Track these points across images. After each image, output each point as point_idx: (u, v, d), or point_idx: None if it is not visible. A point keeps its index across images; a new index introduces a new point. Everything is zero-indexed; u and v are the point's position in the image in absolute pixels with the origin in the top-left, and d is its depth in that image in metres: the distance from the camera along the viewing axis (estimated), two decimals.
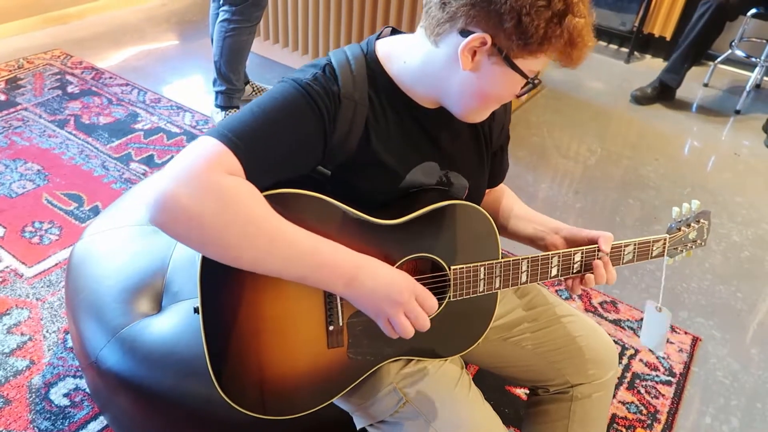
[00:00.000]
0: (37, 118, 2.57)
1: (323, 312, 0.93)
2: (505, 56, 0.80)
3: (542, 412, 1.16)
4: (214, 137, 0.78)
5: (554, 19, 0.77)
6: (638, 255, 1.07)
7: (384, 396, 1.00)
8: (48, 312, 1.70)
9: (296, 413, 0.96)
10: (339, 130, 0.87)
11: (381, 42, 0.93)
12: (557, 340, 1.13)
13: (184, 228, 0.75)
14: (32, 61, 3.02)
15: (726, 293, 2.05)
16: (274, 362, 0.93)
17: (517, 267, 0.99)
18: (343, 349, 0.95)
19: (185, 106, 2.77)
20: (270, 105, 0.83)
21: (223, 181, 0.75)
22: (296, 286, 0.85)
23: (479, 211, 0.98)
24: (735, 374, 1.75)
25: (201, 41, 3.40)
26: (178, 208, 0.73)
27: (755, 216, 2.45)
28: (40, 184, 2.19)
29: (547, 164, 2.66)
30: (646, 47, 3.81)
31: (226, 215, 0.75)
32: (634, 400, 1.64)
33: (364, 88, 0.89)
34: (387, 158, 0.92)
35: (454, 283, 0.97)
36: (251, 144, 0.79)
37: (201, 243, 0.77)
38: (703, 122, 3.14)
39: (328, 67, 0.88)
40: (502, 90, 0.86)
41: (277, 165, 0.83)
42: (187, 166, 0.75)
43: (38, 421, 1.43)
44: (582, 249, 1.02)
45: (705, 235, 1.14)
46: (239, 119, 0.81)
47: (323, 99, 0.85)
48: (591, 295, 1.96)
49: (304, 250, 0.80)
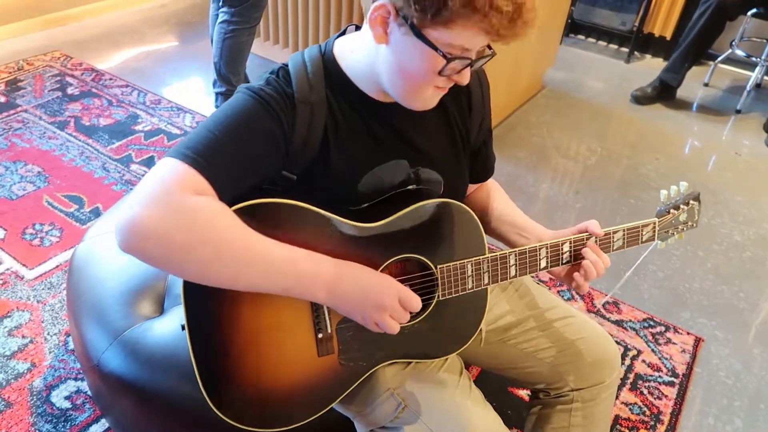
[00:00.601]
0: (38, 120, 2.57)
1: (311, 320, 0.92)
2: (410, 25, 0.77)
3: (544, 416, 1.16)
4: (174, 158, 0.77)
5: None
6: (628, 241, 1.06)
7: (383, 402, 0.99)
8: (49, 314, 1.70)
9: (294, 423, 0.96)
10: (297, 134, 0.86)
11: (340, 40, 0.92)
12: (558, 343, 1.12)
13: (156, 251, 0.74)
14: (32, 62, 3.02)
15: (728, 293, 2.04)
16: (267, 375, 0.92)
17: (505, 261, 0.98)
18: (334, 356, 0.95)
19: (185, 108, 2.77)
20: (225, 116, 0.82)
21: (190, 201, 0.74)
22: (281, 297, 0.85)
23: (462, 208, 0.97)
24: (738, 375, 1.75)
25: (200, 42, 3.40)
26: (147, 231, 0.72)
27: (756, 215, 2.44)
28: (41, 186, 2.19)
29: (548, 164, 2.65)
30: (646, 47, 3.81)
31: (196, 235, 0.74)
32: (636, 401, 1.63)
33: (321, 89, 0.88)
34: (350, 159, 0.91)
35: (441, 282, 0.96)
36: (212, 158, 0.79)
37: (175, 265, 0.76)
38: (703, 122, 3.14)
39: (282, 71, 0.88)
40: (419, 66, 0.81)
41: (243, 174, 0.82)
42: (152, 190, 0.74)
43: (39, 424, 1.42)
44: (570, 239, 1.01)
45: (696, 216, 1.14)
46: (196, 136, 0.80)
47: (277, 102, 0.84)
48: (593, 296, 1.96)
49: (281, 262, 0.80)
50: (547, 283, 1.99)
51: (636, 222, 1.07)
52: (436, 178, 0.99)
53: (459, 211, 0.97)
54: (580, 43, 3.94)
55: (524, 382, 1.22)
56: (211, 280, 0.79)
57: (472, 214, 0.98)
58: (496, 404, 1.56)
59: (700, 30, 3.02)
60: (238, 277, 0.79)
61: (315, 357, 0.94)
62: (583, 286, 1.01)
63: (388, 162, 0.95)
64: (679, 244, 2.23)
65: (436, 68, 0.81)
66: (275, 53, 3.23)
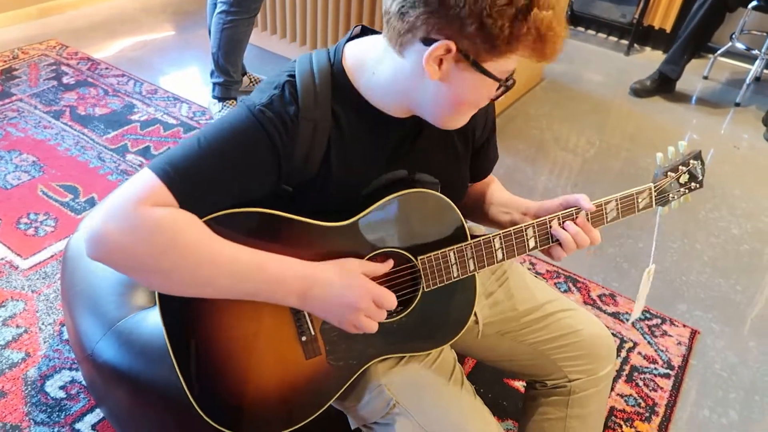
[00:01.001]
0: (33, 109, 2.55)
1: (292, 324, 0.91)
2: (473, 61, 0.76)
3: (540, 406, 1.16)
4: (153, 171, 0.78)
5: (519, 16, 0.72)
6: (623, 210, 1.01)
7: (374, 398, 0.98)
8: (44, 304, 1.69)
9: (292, 426, 0.96)
10: (297, 153, 0.84)
11: (350, 47, 0.88)
12: (555, 335, 1.12)
13: (120, 262, 0.77)
14: (27, 51, 3.00)
15: (725, 286, 2.04)
16: (256, 381, 0.92)
17: (489, 245, 0.96)
18: (322, 357, 0.94)
19: (182, 98, 2.75)
20: (218, 137, 0.81)
21: (152, 213, 0.75)
22: (259, 303, 0.84)
23: (438, 197, 0.94)
24: (733, 367, 1.75)
25: (198, 32, 3.37)
26: (110, 244, 0.75)
27: (754, 209, 2.44)
28: (36, 176, 2.17)
29: (546, 157, 2.64)
30: (646, 39, 3.79)
31: (159, 246, 0.75)
32: (632, 393, 1.63)
33: (327, 104, 0.86)
34: (351, 173, 0.90)
35: (424, 273, 0.94)
36: (191, 179, 0.78)
37: (141, 275, 0.79)
38: (702, 115, 3.13)
39: (288, 85, 0.84)
40: (476, 96, 0.83)
41: (221, 198, 0.82)
42: (118, 201, 0.76)
43: (34, 413, 1.42)
44: (558, 215, 0.97)
45: (700, 176, 1.06)
46: (184, 152, 0.79)
47: (276, 127, 0.82)
48: (590, 288, 1.96)
49: (249, 268, 0.80)
50: (544, 276, 1.99)
51: (630, 189, 1.01)
52: (432, 180, 0.97)
53: (436, 200, 0.94)
54: (580, 35, 3.93)
55: (521, 374, 1.21)
56: (178, 289, 0.80)
57: (450, 202, 0.94)
58: (492, 395, 1.57)
59: (699, 21, 3.00)
60: (204, 284, 0.79)
61: (303, 360, 0.93)
62: (557, 256, 0.98)
63: (389, 173, 0.93)
64: (676, 237, 2.23)
65: (491, 94, 0.83)
66: (274, 44, 3.21)
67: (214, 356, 0.89)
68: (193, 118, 2.62)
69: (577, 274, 2.01)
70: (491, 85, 0.80)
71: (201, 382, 0.90)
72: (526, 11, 0.72)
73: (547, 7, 0.73)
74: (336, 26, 2.88)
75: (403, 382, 0.99)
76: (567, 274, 2.00)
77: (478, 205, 1.14)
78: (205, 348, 0.89)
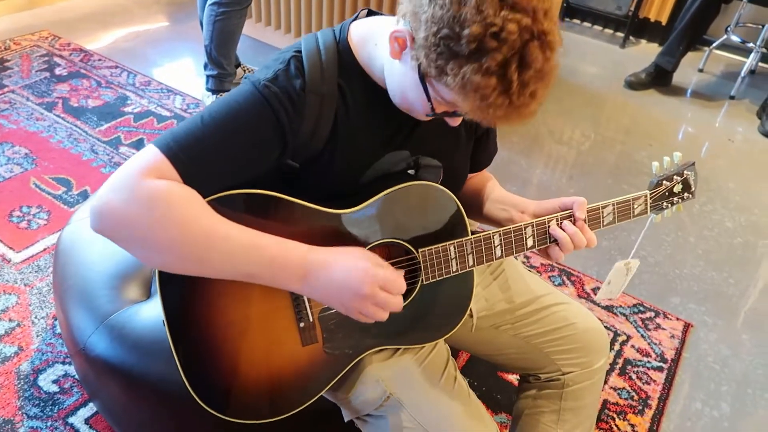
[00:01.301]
0: (25, 101, 2.53)
1: (292, 309, 0.91)
2: (418, 66, 0.76)
3: (534, 399, 1.16)
4: (156, 146, 0.78)
5: (461, 57, 0.69)
6: (619, 215, 1.04)
7: (367, 390, 0.98)
8: (36, 298, 1.68)
9: (284, 414, 0.95)
10: (304, 128, 0.84)
11: (355, 26, 0.89)
12: (549, 328, 1.12)
13: (120, 234, 0.77)
14: (19, 42, 2.97)
15: (718, 279, 2.05)
16: (252, 366, 0.92)
17: (489, 242, 0.96)
18: (318, 345, 0.94)
19: (176, 89, 2.73)
20: (222, 113, 0.81)
21: (153, 185, 0.75)
22: (258, 286, 0.84)
23: (441, 190, 0.94)
24: (725, 360, 1.76)
25: (191, 23, 3.34)
26: (112, 215, 0.75)
27: (748, 202, 2.45)
28: (28, 168, 2.16)
29: (541, 150, 2.64)
30: (642, 32, 3.79)
31: (157, 218, 0.75)
32: (625, 386, 1.64)
33: (333, 79, 0.86)
34: (358, 149, 0.90)
35: (424, 266, 0.94)
36: (195, 156, 0.78)
37: (140, 249, 0.78)
38: (697, 108, 3.13)
39: (294, 60, 0.84)
40: (413, 97, 0.82)
41: (223, 175, 0.81)
42: (123, 175, 0.76)
43: (27, 407, 1.41)
44: (556, 216, 0.98)
45: (692, 186, 1.09)
46: (188, 129, 0.79)
47: (282, 102, 0.82)
48: (584, 282, 1.96)
49: (247, 247, 0.79)
50: (538, 269, 1.99)
51: (626, 195, 1.04)
52: (435, 164, 0.97)
53: (438, 193, 0.95)
54: (576, 27, 3.92)
55: (515, 368, 1.22)
56: (177, 265, 0.79)
57: (452, 196, 0.95)
58: (486, 389, 1.58)
59: (695, 12, 3.00)
60: (202, 260, 0.78)
61: (299, 346, 0.93)
62: (556, 257, 0.99)
63: (392, 153, 0.93)
64: (670, 230, 2.23)
65: (427, 111, 0.82)
66: (267, 35, 3.19)
67: (211, 339, 0.89)
68: (186, 110, 2.60)
69: (572, 267, 2.01)
70: (424, 100, 0.80)
71: (196, 364, 0.89)
72: (473, 58, 0.69)
73: (499, 66, 0.69)
74: (331, 16, 2.86)
75: (397, 375, 0.99)
76: (561, 267, 2.01)
77: (474, 200, 1.13)
78: (202, 329, 0.88)
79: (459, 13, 0.68)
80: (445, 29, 0.69)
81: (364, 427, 1.02)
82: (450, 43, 0.69)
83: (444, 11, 0.69)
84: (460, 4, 0.68)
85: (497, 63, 0.68)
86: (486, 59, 0.68)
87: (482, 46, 0.68)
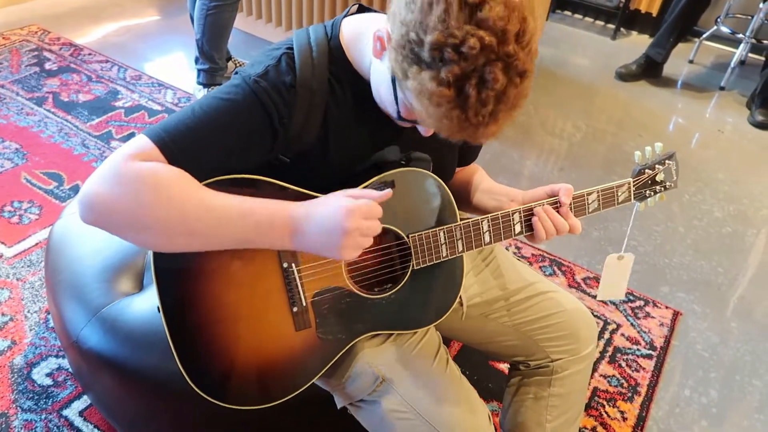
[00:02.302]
0: (15, 96, 2.52)
1: (284, 294, 0.92)
2: (391, 69, 0.77)
3: (523, 387, 1.17)
4: (146, 135, 0.78)
5: (422, 64, 0.70)
6: (603, 202, 1.06)
7: (360, 375, 1.00)
8: (29, 292, 1.68)
9: (277, 400, 0.96)
10: (294, 122, 0.85)
11: (347, 22, 0.90)
12: (538, 316, 1.13)
13: (111, 220, 0.77)
14: (8, 37, 2.95)
15: (707, 268, 2.07)
16: (245, 351, 0.92)
17: (478, 227, 0.98)
18: (312, 330, 0.95)
19: (167, 83, 2.72)
20: (213, 107, 0.81)
21: (138, 166, 0.75)
22: (251, 270, 0.85)
23: (429, 176, 0.96)
24: (714, 347, 1.78)
25: (182, 17, 3.33)
26: (101, 201, 0.75)
27: (737, 192, 2.47)
28: (19, 163, 2.15)
29: (533, 141, 2.65)
30: (633, 23, 3.80)
31: (146, 195, 0.75)
32: (615, 374, 1.66)
33: (324, 76, 0.87)
34: (349, 145, 0.91)
35: (415, 251, 0.96)
36: (185, 148, 0.79)
37: (131, 231, 0.78)
38: (687, 99, 3.15)
39: (285, 57, 0.85)
40: (386, 98, 0.83)
41: (212, 166, 0.82)
42: (110, 163, 0.76)
43: (21, 401, 1.42)
44: (543, 202, 1.00)
45: (674, 176, 1.12)
46: (179, 120, 0.80)
47: (272, 96, 0.82)
48: (574, 271, 1.98)
49: (237, 212, 0.79)
50: (529, 259, 2.01)
51: (610, 183, 1.06)
52: (425, 157, 0.99)
53: (427, 180, 0.97)
54: (567, 19, 3.92)
55: (504, 355, 1.23)
56: (168, 242, 0.79)
57: (441, 182, 0.97)
58: (478, 377, 1.59)
59: (685, 4, 3.01)
60: (192, 232, 0.78)
61: (293, 332, 0.94)
62: (539, 238, 1.00)
63: (384, 149, 0.94)
64: (659, 220, 2.25)
65: (395, 113, 0.83)
66: (259, 29, 3.18)
67: (206, 323, 0.89)
68: (177, 104, 2.60)
69: (563, 257, 2.03)
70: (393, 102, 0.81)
71: (191, 351, 0.90)
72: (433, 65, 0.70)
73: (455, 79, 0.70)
74: (321, 10, 2.85)
75: (389, 359, 1.00)
76: (552, 257, 2.02)
77: (463, 190, 1.15)
78: (197, 314, 0.89)
79: (426, 20, 0.69)
80: (411, 33, 0.70)
81: (358, 413, 1.04)
82: (414, 47, 0.70)
83: (413, 15, 0.70)
84: (429, 11, 0.69)
85: (454, 75, 0.68)
86: (443, 69, 0.69)
87: (441, 56, 0.68)
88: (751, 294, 2.00)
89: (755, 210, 2.38)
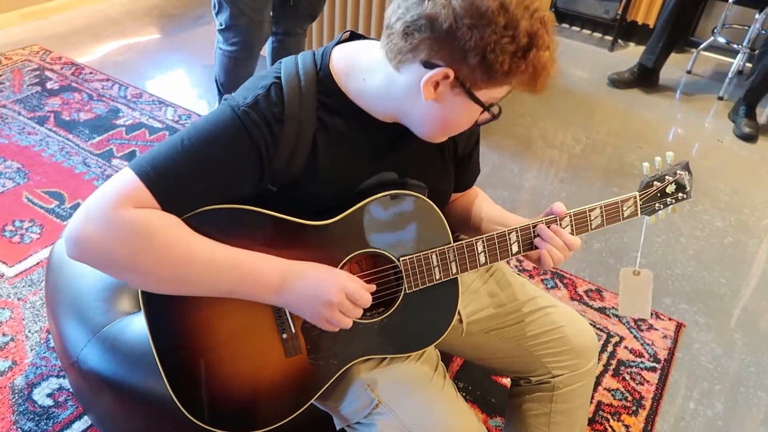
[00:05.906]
0: (16, 115, 2.53)
1: (273, 321, 0.92)
2: (467, 89, 0.79)
3: (524, 402, 1.17)
4: (134, 171, 0.79)
5: (518, 53, 0.76)
6: (607, 218, 1.03)
7: (356, 398, 0.99)
8: (30, 312, 1.68)
9: (273, 424, 0.96)
10: (282, 153, 0.85)
11: (338, 51, 0.89)
12: (539, 331, 1.13)
13: (99, 262, 0.79)
14: (10, 57, 2.97)
15: (709, 279, 2.07)
16: (238, 378, 0.92)
17: (472, 249, 0.97)
18: (303, 356, 0.95)
19: (167, 101, 2.74)
20: (200, 137, 0.81)
21: (130, 214, 0.77)
22: (241, 300, 0.85)
23: (420, 199, 0.94)
24: (718, 359, 1.77)
25: (182, 35, 3.36)
26: (89, 245, 0.77)
27: (738, 202, 2.47)
28: (20, 183, 2.16)
29: (533, 154, 2.66)
30: (630, 35, 3.82)
31: (136, 246, 0.77)
32: (619, 387, 1.65)
33: (312, 107, 0.86)
34: (339, 174, 0.90)
35: (406, 275, 0.95)
36: (172, 182, 0.79)
37: (119, 274, 0.81)
38: (686, 109, 3.16)
39: (274, 87, 0.85)
40: (463, 119, 0.86)
41: (201, 199, 0.83)
42: (98, 202, 0.78)
43: (22, 422, 1.41)
44: (541, 220, 0.99)
45: (687, 186, 1.06)
46: (164, 153, 0.80)
47: (261, 128, 0.82)
48: (576, 284, 1.97)
49: (225, 265, 0.82)
50: (530, 272, 2.00)
51: (614, 198, 1.03)
52: (421, 185, 0.98)
53: (417, 202, 0.94)
54: (565, 31, 3.95)
55: (506, 371, 1.22)
56: (157, 287, 0.82)
57: (432, 204, 0.95)
58: (480, 392, 1.58)
59: (673, 8, 3.02)
60: (182, 282, 0.81)
61: (283, 358, 0.94)
62: (545, 263, 0.99)
63: (378, 174, 0.94)
64: (661, 231, 2.25)
65: (476, 118, 0.86)
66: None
67: (196, 352, 0.89)
68: (178, 122, 2.61)
69: (564, 270, 2.02)
70: (478, 110, 0.84)
71: (183, 377, 0.90)
72: (527, 49, 0.76)
73: (545, 47, 0.78)
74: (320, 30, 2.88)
75: (385, 382, 0.99)
76: (554, 270, 2.02)
77: (465, 218, 1.13)
78: (187, 342, 0.89)
79: (507, 20, 0.74)
80: (504, 38, 0.75)
81: None
82: (500, 45, 0.75)
83: (491, 29, 0.74)
84: (499, 14, 0.74)
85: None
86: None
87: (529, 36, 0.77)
88: (755, 304, 1.99)
89: (756, 220, 2.38)
